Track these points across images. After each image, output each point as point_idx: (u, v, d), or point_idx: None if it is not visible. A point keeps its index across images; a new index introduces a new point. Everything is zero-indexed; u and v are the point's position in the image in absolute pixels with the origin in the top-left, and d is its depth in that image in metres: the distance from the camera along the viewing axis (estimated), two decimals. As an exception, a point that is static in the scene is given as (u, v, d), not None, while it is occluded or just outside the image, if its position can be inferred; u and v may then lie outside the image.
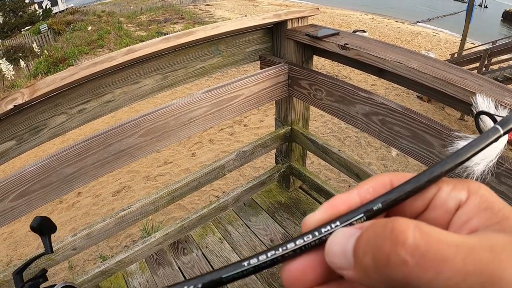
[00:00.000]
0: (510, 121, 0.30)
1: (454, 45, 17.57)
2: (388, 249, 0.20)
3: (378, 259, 0.20)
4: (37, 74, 14.80)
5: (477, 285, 0.18)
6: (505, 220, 0.22)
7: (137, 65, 1.52)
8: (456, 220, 0.24)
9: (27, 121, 1.32)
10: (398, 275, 0.19)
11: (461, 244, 0.20)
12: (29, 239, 5.15)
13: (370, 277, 0.21)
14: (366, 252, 0.21)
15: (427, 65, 1.31)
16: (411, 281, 0.19)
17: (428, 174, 0.25)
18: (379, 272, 0.20)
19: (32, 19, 32.55)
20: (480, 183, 0.25)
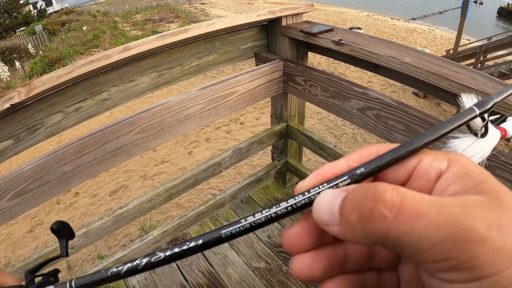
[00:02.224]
0: (485, 103, 0.32)
1: (449, 42, 17.60)
2: (371, 206, 0.22)
3: (362, 215, 0.23)
4: (32, 75, 14.73)
5: (448, 235, 0.20)
6: (481, 184, 0.24)
7: (133, 63, 1.52)
8: (437, 187, 0.26)
9: (24, 120, 1.32)
10: (379, 229, 0.22)
11: (435, 201, 0.22)
12: (27, 241, 5.14)
13: (355, 232, 0.23)
14: (352, 210, 0.23)
15: (421, 60, 1.32)
16: (390, 233, 0.22)
17: (407, 145, 0.27)
18: (363, 227, 0.23)
19: (27, 20, 32.40)
20: (461, 154, 0.27)
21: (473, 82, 1.16)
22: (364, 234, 0.23)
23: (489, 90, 1.12)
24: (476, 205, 0.22)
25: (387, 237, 0.22)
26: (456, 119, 0.30)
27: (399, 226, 0.21)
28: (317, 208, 0.26)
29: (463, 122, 0.30)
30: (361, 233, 0.23)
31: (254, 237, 2.23)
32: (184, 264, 2.09)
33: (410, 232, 0.21)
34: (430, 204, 0.22)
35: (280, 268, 2.03)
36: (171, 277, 2.03)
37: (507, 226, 0.21)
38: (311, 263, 0.27)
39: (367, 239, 0.23)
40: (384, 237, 0.22)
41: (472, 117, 0.31)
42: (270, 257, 2.09)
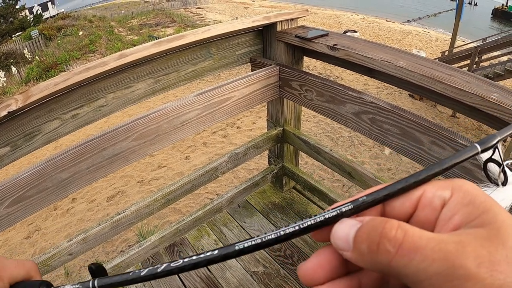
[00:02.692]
0: (487, 141, 0.33)
1: (444, 43, 17.68)
2: (378, 241, 0.25)
3: (371, 247, 0.26)
4: (28, 80, 14.73)
5: (441, 270, 0.22)
6: (485, 213, 0.25)
7: (129, 70, 1.53)
8: (442, 217, 0.27)
9: (21, 127, 1.33)
10: (384, 260, 0.25)
11: (433, 238, 0.24)
12: (24, 247, 5.13)
13: (364, 260, 0.26)
14: (363, 240, 0.26)
15: (415, 64, 1.33)
16: (392, 265, 0.24)
17: (416, 176, 0.29)
18: (370, 257, 0.26)
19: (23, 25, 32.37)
20: (465, 180, 0.28)
21: (467, 85, 1.18)
22: (371, 263, 0.26)
23: (483, 92, 1.13)
24: (472, 241, 0.23)
25: (390, 268, 0.25)
26: (458, 156, 0.31)
27: (400, 259, 0.24)
28: (335, 234, 0.29)
29: (464, 158, 0.31)
30: (369, 262, 0.26)
31: (252, 241, 2.23)
32: (182, 269, 2.09)
33: (408, 264, 0.24)
34: (427, 240, 0.24)
35: (278, 272, 2.04)
36: (170, 283, 2.03)
37: (499, 263, 0.22)
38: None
39: (374, 267, 0.26)
40: (387, 267, 0.25)
41: (473, 154, 0.32)
42: (268, 261, 2.10)
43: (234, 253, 0.29)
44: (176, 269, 0.30)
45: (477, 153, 0.32)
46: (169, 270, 0.30)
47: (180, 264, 0.29)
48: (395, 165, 6.31)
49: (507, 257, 0.22)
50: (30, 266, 0.40)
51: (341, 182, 5.75)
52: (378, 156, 6.54)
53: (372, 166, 6.23)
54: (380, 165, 6.29)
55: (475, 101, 1.14)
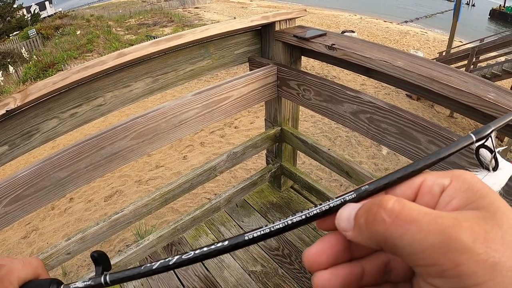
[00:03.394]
0: (482, 132, 0.34)
1: (442, 44, 17.71)
2: (375, 211, 0.26)
3: (368, 218, 0.27)
4: (26, 79, 14.70)
5: (436, 242, 0.23)
6: (481, 199, 0.26)
7: (128, 69, 1.53)
8: (440, 202, 0.28)
9: (19, 126, 1.32)
10: (379, 230, 0.26)
11: (430, 212, 0.25)
12: (21, 247, 5.12)
13: (362, 234, 0.27)
14: (362, 215, 0.28)
15: (413, 64, 1.33)
16: (388, 235, 0.25)
17: (414, 166, 0.31)
18: (367, 229, 0.27)
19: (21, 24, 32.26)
20: (464, 170, 0.29)
21: (464, 84, 1.18)
22: (368, 236, 0.27)
23: (480, 92, 1.14)
24: (468, 219, 0.24)
25: (385, 239, 0.25)
26: (454, 145, 0.32)
27: (395, 229, 0.25)
28: (339, 216, 0.30)
29: (460, 148, 0.32)
30: (366, 235, 0.27)
31: (250, 240, 2.23)
32: (180, 269, 2.09)
33: (403, 235, 0.24)
34: (424, 214, 0.25)
35: (276, 271, 2.04)
36: (168, 282, 2.03)
37: (494, 241, 0.23)
38: (329, 278, 0.30)
39: (371, 240, 0.27)
40: (383, 238, 0.25)
41: (468, 143, 0.33)
42: (266, 260, 2.10)
43: (243, 242, 0.30)
44: (188, 260, 0.30)
45: (472, 143, 0.33)
46: (181, 262, 0.30)
47: (192, 255, 0.30)
48: (393, 164, 6.33)
49: (502, 238, 0.23)
50: (37, 264, 0.39)
51: (338, 182, 5.76)
52: (375, 156, 6.55)
53: (369, 166, 6.24)
54: (377, 165, 6.30)
55: (472, 101, 1.14)
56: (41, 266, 0.39)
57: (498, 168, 0.41)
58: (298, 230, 2.27)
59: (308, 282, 1.98)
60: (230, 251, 0.30)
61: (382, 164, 6.30)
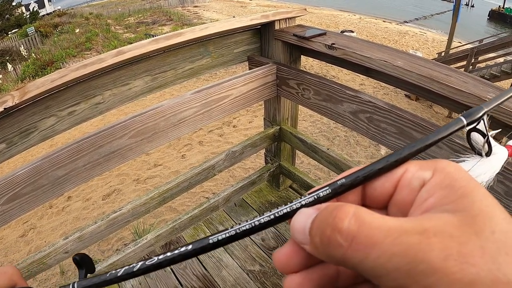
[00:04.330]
0: (473, 114, 0.32)
1: (441, 44, 17.74)
2: (329, 234, 0.23)
3: (323, 240, 0.24)
4: (24, 77, 14.68)
5: (402, 265, 0.20)
6: (462, 198, 0.23)
7: (127, 67, 1.52)
8: (418, 199, 0.25)
9: (17, 124, 1.32)
10: (337, 255, 0.23)
11: (393, 228, 0.22)
12: (19, 246, 5.11)
13: (320, 254, 0.25)
14: (316, 234, 0.24)
15: (413, 63, 1.33)
16: (347, 260, 0.23)
17: (397, 154, 0.28)
18: (324, 251, 0.24)
19: (19, 22, 32.23)
20: (451, 162, 0.26)
21: (464, 85, 1.18)
22: (328, 256, 0.24)
23: (479, 93, 1.14)
24: (439, 230, 0.21)
25: (345, 262, 0.23)
26: (443, 130, 0.30)
27: (354, 254, 0.22)
28: (293, 226, 0.27)
29: (450, 132, 0.30)
30: (325, 255, 0.24)
31: (248, 240, 2.23)
32: (178, 268, 2.09)
33: (364, 260, 0.22)
34: (387, 232, 0.22)
35: (274, 270, 2.04)
36: (166, 281, 2.02)
37: (471, 254, 0.20)
38: (301, 282, 0.27)
39: (331, 260, 0.24)
40: (342, 261, 0.23)
41: (459, 127, 0.31)
42: (264, 259, 2.10)
43: (208, 246, 0.28)
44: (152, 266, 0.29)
45: (463, 127, 0.31)
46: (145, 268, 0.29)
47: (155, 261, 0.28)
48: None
49: (481, 248, 0.20)
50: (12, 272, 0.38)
51: (337, 182, 5.75)
52: (374, 156, 6.55)
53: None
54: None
55: (471, 101, 1.14)
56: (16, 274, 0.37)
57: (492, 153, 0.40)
58: (297, 230, 2.27)
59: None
60: (196, 256, 0.28)
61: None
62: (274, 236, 2.25)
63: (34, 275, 1.55)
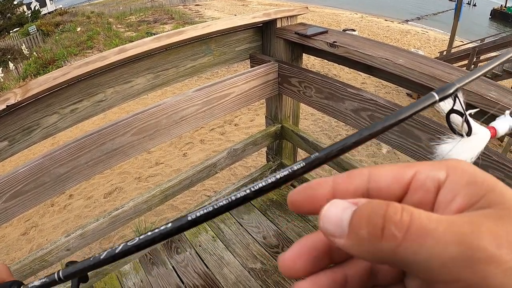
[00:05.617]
0: (445, 90, 0.32)
1: (443, 43, 17.69)
2: (382, 225, 0.22)
3: (373, 232, 0.22)
4: (26, 76, 14.68)
5: (457, 253, 0.20)
6: (490, 193, 0.23)
7: (129, 65, 1.53)
8: (441, 200, 0.25)
9: (20, 121, 1.32)
10: (388, 248, 0.22)
11: (443, 219, 0.21)
12: (21, 244, 5.11)
13: (362, 247, 0.23)
14: (362, 225, 0.23)
15: (414, 62, 1.33)
16: (399, 252, 0.21)
17: (370, 129, 0.27)
18: (371, 244, 0.22)
19: (21, 21, 32.24)
20: (459, 159, 0.26)
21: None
22: (371, 251, 0.23)
23: (481, 91, 1.14)
24: (485, 221, 0.21)
25: (395, 256, 0.22)
26: (415, 105, 0.29)
27: (408, 245, 0.21)
28: (325, 217, 0.25)
29: (422, 107, 0.29)
30: (369, 249, 0.23)
31: (250, 238, 2.23)
32: (180, 266, 2.09)
33: (419, 250, 0.21)
34: (437, 222, 0.21)
35: (276, 268, 2.04)
36: (167, 279, 2.03)
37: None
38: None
39: (374, 255, 0.23)
40: (391, 255, 0.22)
41: (431, 102, 0.30)
42: (265, 257, 2.10)
43: (187, 224, 0.27)
44: (133, 247, 0.28)
45: (435, 102, 0.31)
46: (127, 249, 0.28)
47: (137, 242, 0.28)
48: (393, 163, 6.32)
49: None
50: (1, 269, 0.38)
51: (338, 180, 5.75)
52: (375, 155, 6.54)
53: (369, 164, 6.23)
54: (377, 164, 6.30)
55: (473, 99, 1.15)
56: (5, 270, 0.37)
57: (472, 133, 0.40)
58: (298, 228, 2.27)
59: (308, 280, 1.98)
60: (176, 234, 0.27)
61: (382, 163, 6.29)
62: (275, 234, 2.25)
63: (35, 273, 1.56)
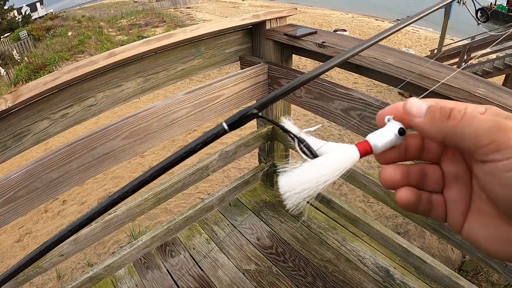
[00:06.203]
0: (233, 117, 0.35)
1: (433, 42, 17.80)
2: (449, 110, 0.34)
3: (443, 114, 0.35)
4: (17, 81, 14.61)
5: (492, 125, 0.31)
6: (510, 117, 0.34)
7: (119, 68, 1.53)
8: None
9: (10, 127, 1.32)
10: (452, 124, 0.34)
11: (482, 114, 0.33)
12: (15, 251, 5.09)
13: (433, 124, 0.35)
14: (436, 110, 0.35)
15: (403, 60, 1.35)
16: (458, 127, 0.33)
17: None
18: (441, 121, 0.35)
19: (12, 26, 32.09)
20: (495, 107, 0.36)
21: (454, 80, 1.19)
22: (440, 126, 0.35)
23: (469, 88, 1.15)
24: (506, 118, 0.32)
25: (455, 130, 0.33)
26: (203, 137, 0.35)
27: (464, 121, 0.33)
28: (411, 103, 0.37)
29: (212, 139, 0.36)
30: (438, 125, 0.35)
31: (243, 239, 2.24)
32: (174, 269, 2.09)
33: (470, 124, 0.32)
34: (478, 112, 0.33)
35: (270, 269, 2.05)
36: (162, 282, 2.03)
37: None
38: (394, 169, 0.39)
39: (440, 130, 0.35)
40: (453, 130, 0.33)
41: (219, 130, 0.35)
42: (259, 259, 2.11)
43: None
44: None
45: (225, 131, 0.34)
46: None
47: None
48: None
49: None
50: None
51: (331, 180, 5.77)
52: (368, 154, 6.57)
53: (362, 164, 6.26)
54: (370, 163, 6.34)
55: (462, 96, 1.16)
56: None
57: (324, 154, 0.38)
58: (292, 228, 2.28)
59: (303, 280, 1.98)
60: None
61: (375, 161, 6.31)
62: (269, 235, 2.26)
63: (30, 279, 1.55)
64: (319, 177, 0.36)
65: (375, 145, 0.38)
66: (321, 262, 2.07)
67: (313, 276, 2.00)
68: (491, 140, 0.31)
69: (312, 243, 2.18)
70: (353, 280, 1.97)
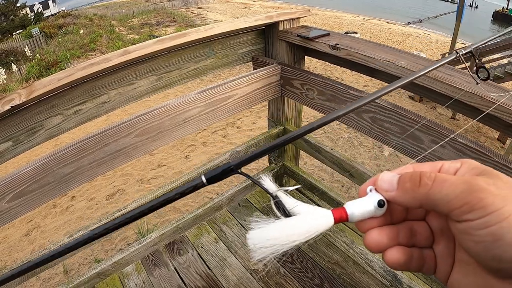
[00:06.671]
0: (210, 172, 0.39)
1: (445, 45, 17.67)
2: (419, 179, 0.36)
3: (414, 183, 0.36)
4: (29, 78, 14.71)
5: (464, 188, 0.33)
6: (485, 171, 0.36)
7: (132, 66, 1.54)
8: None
9: (24, 122, 1.33)
10: (423, 191, 0.35)
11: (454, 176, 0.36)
12: (23, 244, 5.12)
13: (406, 194, 0.37)
14: (406, 180, 0.37)
15: (416, 63, 1.34)
16: (430, 194, 0.35)
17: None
18: (413, 190, 0.36)
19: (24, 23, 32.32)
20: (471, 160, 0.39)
21: (467, 85, 1.19)
22: (412, 196, 0.36)
23: (482, 92, 1.14)
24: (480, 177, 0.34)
25: (427, 196, 0.35)
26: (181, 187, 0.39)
27: (435, 188, 0.35)
28: (382, 179, 0.39)
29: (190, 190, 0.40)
30: (411, 195, 0.36)
31: (252, 239, 2.23)
32: (182, 267, 2.10)
33: (441, 190, 0.34)
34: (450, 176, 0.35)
35: (278, 270, 2.04)
36: (169, 280, 2.03)
37: (500, 186, 0.32)
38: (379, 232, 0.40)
39: (414, 199, 0.36)
40: (425, 196, 0.35)
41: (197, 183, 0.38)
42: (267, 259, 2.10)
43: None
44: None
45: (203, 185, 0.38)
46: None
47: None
48: (394, 166, 6.31)
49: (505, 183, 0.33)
50: None
51: (340, 183, 5.75)
52: (377, 157, 6.54)
53: (371, 167, 6.23)
54: (379, 166, 6.30)
55: (474, 101, 1.15)
56: None
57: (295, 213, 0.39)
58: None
59: (310, 282, 1.98)
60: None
61: (384, 166, 6.29)
62: (277, 235, 2.25)
63: (37, 274, 1.57)
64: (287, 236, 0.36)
65: (352, 214, 0.39)
66: (328, 265, 2.06)
67: (321, 278, 2.00)
68: (463, 203, 0.33)
69: (320, 245, 2.17)
70: (360, 283, 1.96)
